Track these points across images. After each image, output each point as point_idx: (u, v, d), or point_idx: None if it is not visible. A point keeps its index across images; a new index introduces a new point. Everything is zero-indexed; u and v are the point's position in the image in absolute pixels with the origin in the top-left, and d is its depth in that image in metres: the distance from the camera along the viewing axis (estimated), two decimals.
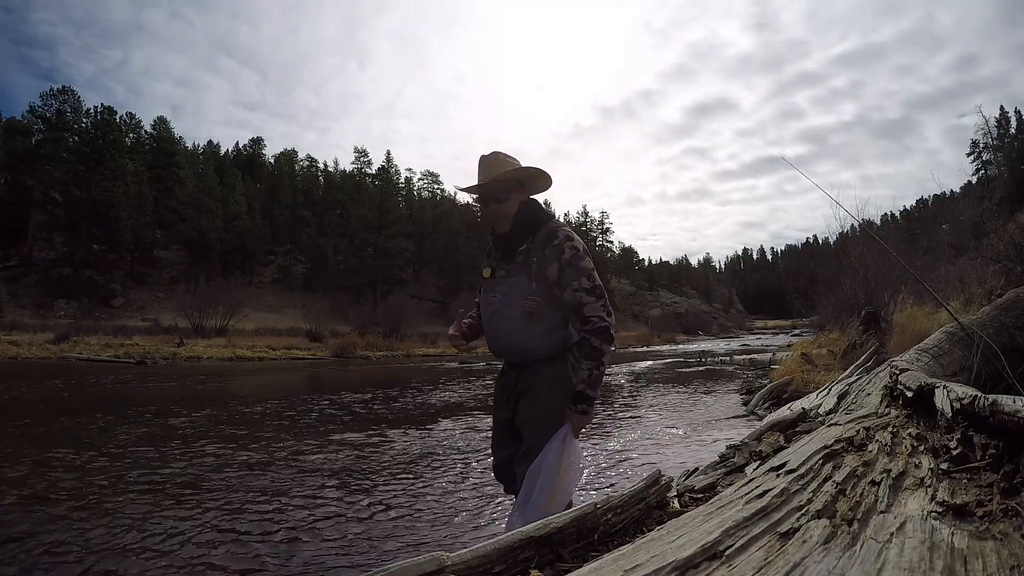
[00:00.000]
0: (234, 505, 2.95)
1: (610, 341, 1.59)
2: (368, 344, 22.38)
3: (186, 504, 2.96)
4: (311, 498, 3.07)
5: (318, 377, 12.71)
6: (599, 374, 1.57)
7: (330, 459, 4.03)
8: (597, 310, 1.57)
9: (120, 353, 17.45)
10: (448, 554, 1.00)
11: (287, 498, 3.07)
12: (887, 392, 2.14)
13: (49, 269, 36.70)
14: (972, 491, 1.09)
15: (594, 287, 1.59)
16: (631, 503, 1.43)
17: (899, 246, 11.43)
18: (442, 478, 3.49)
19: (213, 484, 3.36)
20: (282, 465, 3.84)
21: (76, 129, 40.51)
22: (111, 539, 2.45)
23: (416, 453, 4.25)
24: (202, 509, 2.88)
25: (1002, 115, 48.06)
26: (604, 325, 1.57)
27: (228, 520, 2.70)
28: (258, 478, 3.49)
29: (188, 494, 3.15)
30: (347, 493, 3.18)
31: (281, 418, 6.11)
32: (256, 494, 3.15)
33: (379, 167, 55.18)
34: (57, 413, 6.27)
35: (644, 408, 6.69)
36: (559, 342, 1.66)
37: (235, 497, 3.09)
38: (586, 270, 1.59)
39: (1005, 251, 6.99)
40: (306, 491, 3.21)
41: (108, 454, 4.16)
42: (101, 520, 2.69)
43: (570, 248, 1.60)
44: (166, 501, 3.02)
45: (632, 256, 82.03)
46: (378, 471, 3.69)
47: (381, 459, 4.04)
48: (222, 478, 3.50)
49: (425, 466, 3.83)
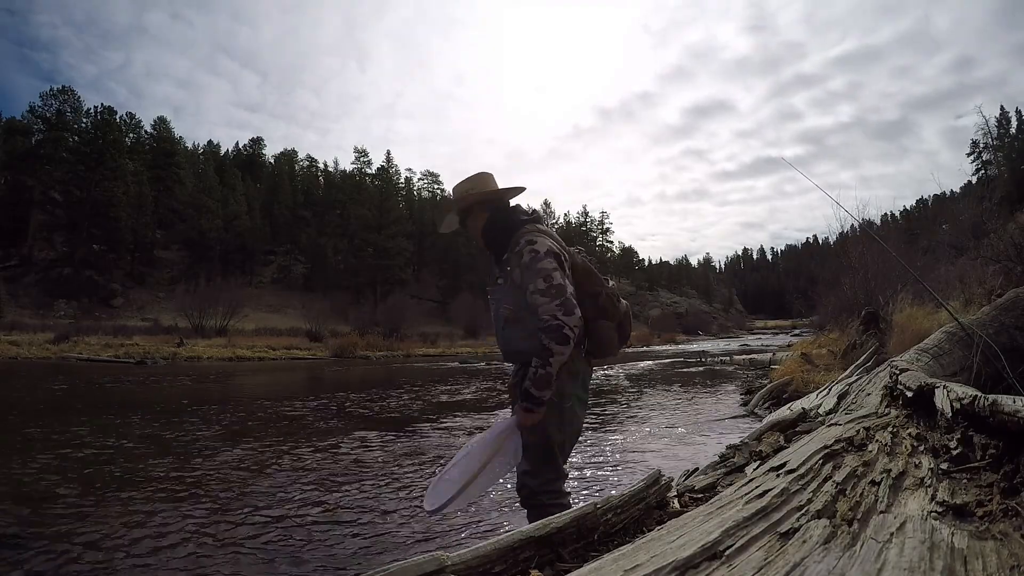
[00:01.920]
0: (233, 505, 2.95)
1: (562, 340, 1.55)
2: (368, 344, 22.39)
3: (186, 504, 2.96)
4: (311, 498, 3.07)
5: (318, 377, 12.72)
6: (544, 373, 1.55)
7: (330, 459, 4.03)
8: (551, 309, 1.56)
9: (120, 353, 17.45)
10: (448, 554, 1.00)
11: (286, 498, 3.07)
12: (887, 392, 2.14)
13: (49, 269, 36.70)
14: (972, 491, 1.09)
15: (549, 287, 1.57)
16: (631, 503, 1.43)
17: (899, 246, 11.42)
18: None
19: (213, 484, 3.36)
20: (281, 465, 3.84)
21: (76, 129, 40.50)
22: (110, 539, 2.44)
23: (416, 453, 4.25)
24: (202, 509, 2.88)
25: (1002, 115, 48.07)
26: (555, 323, 1.55)
27: (228, 520, 2.70)
28: (257, 478, 3.49)
29: (188, 494, 3.15)
30: (347, 493, 3.18)
31: (281, 418, 6.11)
32: (256, 494, 3.15)
33: (379, 167, 55.21)
34: (56, 413, 6.27)
35: (644, 408, 6.69)
36: None
37: (235, 497, 3.09)
38: (543, 271, 1.59)
39: (1005, 251, 6.99)
40: (306, 491, 3.21)
41: (108, 454, 4.16)
42: (100, 520, 2.69)
43: (528, 251, 1.62)
44: (166, 501, 3.02)
45: (632, 256, 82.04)
46: (378, 471, 3.69)
47: (381, 459, 4.04)
48: (221, 478, 3.50)
49: (425, 466, 3.83)
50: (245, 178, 51.56)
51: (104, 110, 41.41)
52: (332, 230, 49.96)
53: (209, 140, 63.28)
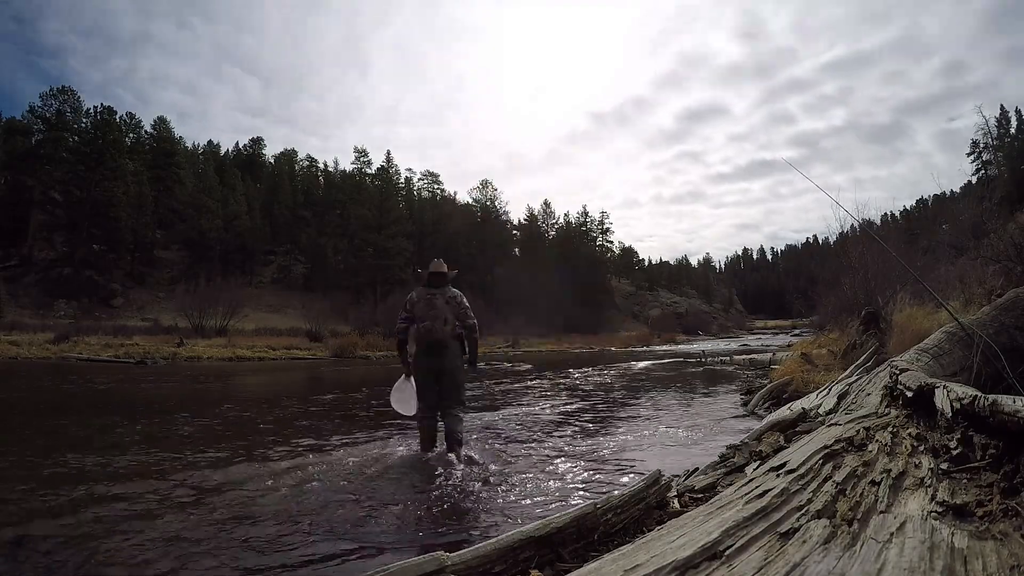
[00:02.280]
0: (233, 505, 2.95)
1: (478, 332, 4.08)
2: (368, 344, 22.36)
3: (186, 504, 2.96)
4: (310, 498, 3.07)
5: (318, 377, 12.71)
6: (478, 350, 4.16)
7: (329, 458, 4.03)
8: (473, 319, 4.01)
9: (120, 353, 17.44)
10: (448, 554, 1.00)
11: (286, 497, 3.07)
12: (887, 392, 2.14)
13: (49, 269, 36.70)
14: (972, 491, 1.09)
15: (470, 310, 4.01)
16: (631, 503, 1.43)
17: (899, 246, 11.42)
18: (442, 477, 3.49)
19: (212, 484, 3.36)
20: (281, 464, 3.84)
21: (76, 129, 40.48)
22: (110, 539, 2.44)
23: (416, 452, 4.25)
24: (202, 509, 2.88)
25: (1002, 115, 48.06)
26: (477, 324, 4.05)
27: (227, 520, 2.70)
28: (257, 478, 3.49)
29: (188, 494, 3.15)
30: (347, 492, 3.18)
31: (280, 418, 6.11)
32: (255, 494, 3.14)
33: (379, 167, 55.15)
34: (56, 413, 6.27)
35: (644, 408, 6.69)
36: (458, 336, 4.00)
37: (234, 497, 3.09)
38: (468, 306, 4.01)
39: (1005, 251, 6.99)
40: (305, 491, 3.21)
41: (107, 454, 4.16)
42: (99, 520, 2.69)
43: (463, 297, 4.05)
44: (165, 501, 3.02)
45: (632, 256, 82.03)
46: (377, 470, 3.69)
47: (380, 458, 4.04)
48: (221, 477, 3.49)
49: (424, 465, 3.83)
50: (245, 178, 51.53)
51: (104, 110, 41.40)
52: (332, 230, 49.95)
53: (209, 140, 63.03)
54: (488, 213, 61.49)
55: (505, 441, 4.65)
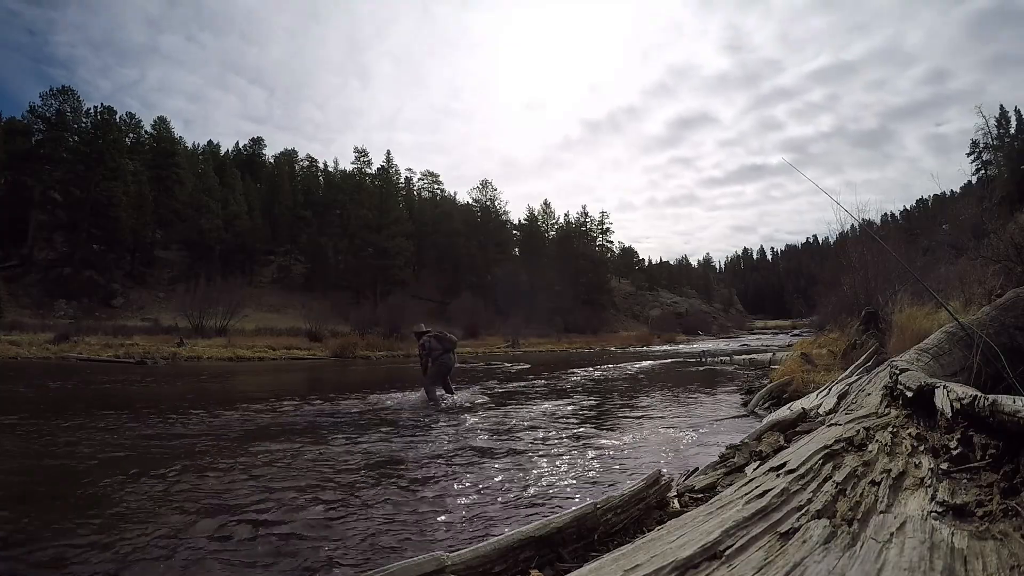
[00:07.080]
0: (233, 505, 2.95)
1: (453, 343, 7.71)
2: (368, 344, 22.36)
3: (185, 504, 2.96)
4: (310, 498, 3.07)
5: (318, 377, 12.71)
6: None
7: (329, 458, 4.03)
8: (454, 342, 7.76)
9: (120, 353, 17.44)
10: (448, 554, 1.00)
11: (286, 498, 3.07)
12: (887, 392, 2.14)
13: (49, 269, 36.68)
14: (972, 491, 1.09)
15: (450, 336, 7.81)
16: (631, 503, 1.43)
17: (899, 246, 11.42)
18: (441, 477, 3.49)
19: (212, 484, 3.36)
20: (281, 464, 3.84)
21: (76, 129, 40.43)
22: (108, 539, 2.44)
23: (415, 452, 4.25)
24: (201, 509, 2.88)
25: (1002, 115, 48.03)
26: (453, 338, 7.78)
27: (227, 520, 2.70)
28: (256, 478, 3.49)
29: (188, 494, 3.15)
30: (346, 492, 3.18)
31: (280, 418, 6.11)
32: (255, 494, 3.14)
33: (379, 167, 55.12)
34: (55, 413, 6.27)
35: (644, 408, 6.69)
36: None
37: (234, 497, 3.09)
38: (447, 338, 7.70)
39: (1005, 251, 6.98)
40: (305, 491, 3.21)
41: (107, 454, 4.16)
42: (98, 520, 2.69)
43: (450, 335, 7.90)
44: (164, 501, 3.02)
45: (632, 256, 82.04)
46: (377, 471, 3.69)
47: (380, 459, 4.04)
48: (221, 477, 3.49)
49: (424, 465, 3.83)
50: (245, 178, 51.49)
51: (104, 110, 41.36)
52: (332, 230, 49.93)
53: (209, 140, 62.90)
54: (488, 213, 61.50)
55: (505, 441, 4.65)
